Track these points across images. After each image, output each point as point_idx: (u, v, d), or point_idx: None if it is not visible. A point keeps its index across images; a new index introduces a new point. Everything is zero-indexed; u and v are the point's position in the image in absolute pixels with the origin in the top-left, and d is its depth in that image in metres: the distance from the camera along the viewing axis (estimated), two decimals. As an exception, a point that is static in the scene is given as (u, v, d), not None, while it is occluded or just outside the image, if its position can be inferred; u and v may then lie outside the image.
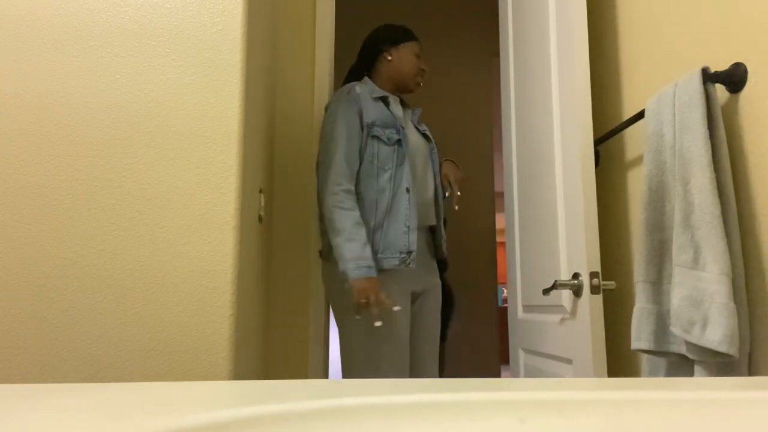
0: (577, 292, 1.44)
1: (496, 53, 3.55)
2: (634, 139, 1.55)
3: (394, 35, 1.97)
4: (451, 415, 0.38)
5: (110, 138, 1.21)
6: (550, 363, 1.66)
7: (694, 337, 1.03)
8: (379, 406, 0.38)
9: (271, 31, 1.88)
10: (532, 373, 1.82)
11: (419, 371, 1.88)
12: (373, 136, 1.82)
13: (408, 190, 1.81)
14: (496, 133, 5.11)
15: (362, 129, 1.83)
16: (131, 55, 1.24)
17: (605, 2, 1.73)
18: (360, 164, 1.81)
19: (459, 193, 1.87)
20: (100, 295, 1.16)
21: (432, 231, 1.95)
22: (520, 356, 1.93)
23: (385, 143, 1.83)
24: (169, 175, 1.21)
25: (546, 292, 1.51)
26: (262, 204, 1.66)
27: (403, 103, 2.03)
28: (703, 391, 0.42)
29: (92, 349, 1.15)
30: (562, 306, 1.56)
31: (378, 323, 1.61)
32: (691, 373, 1.16)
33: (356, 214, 1.72)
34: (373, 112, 1.84)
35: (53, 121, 1.21)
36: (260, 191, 1.63)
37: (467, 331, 3.33)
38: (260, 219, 1.64)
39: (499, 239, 9.38)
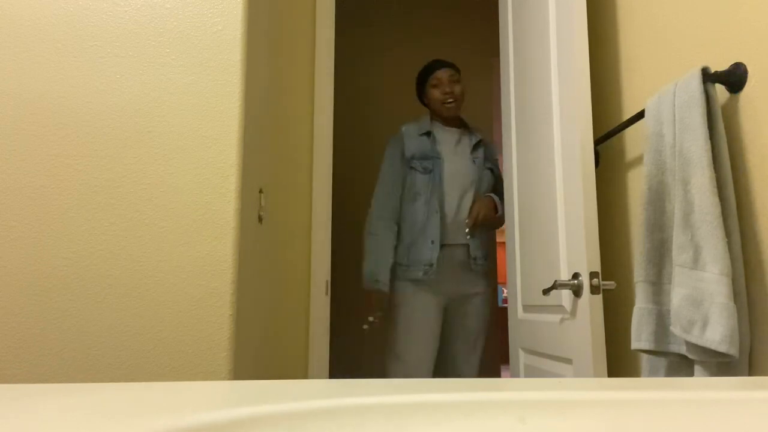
0: (576, 292, 1.44)
1: (496, 53, 3.55)
2: (634, 139, 1.55)
3: (420, 80, 2.38)
4: (451, 415, 0.38)
5: (110, 138, 1.21)
6: (550, 363, 1.67)
7: (694, 337, 1.04)
8: (379, 406, 0.38)
9: (271, 31, 1.88)
10: (532, 373, 1.82)
11: (452, 367, 2.23)
12: (411, 167, 2.22)
13: (437, 212, 2.16)
14: (496, 133, 5.11)
15: (403, 163, 2.25)
16: (131, 55, 1.24)
17: (605, 2, 1.73)
18: (403, 191, 2.24)
19: (467, 231, 2.21)
20: (100, 295, 1.16)
21: (466, 248, 2.23)
22: (520, 356, 1.93)
23: (421, 173, 2.21)
24: (169, 175, 1.21)
25: (546, 292, 1.51)
26: (262, 204, 1.66)
27: (468, 129, 2.37)
28: (703, 391, 0.42)
29: (92, 349, 1.15)
30: (561, 306, 1.56)
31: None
32: (691, 373, 1.17)
33: (377, 238, 2.17)
34: (415, 146, 2.26)
35: (53, 121, 1.21)
36: (260, 191, 1.63)
37: (467, 331, 3.32)
38: (260, 219, 1.64)
39: (499, 239, 9.37)
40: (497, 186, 2.33)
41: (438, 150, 2.23)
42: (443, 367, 2.27)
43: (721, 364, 1.05)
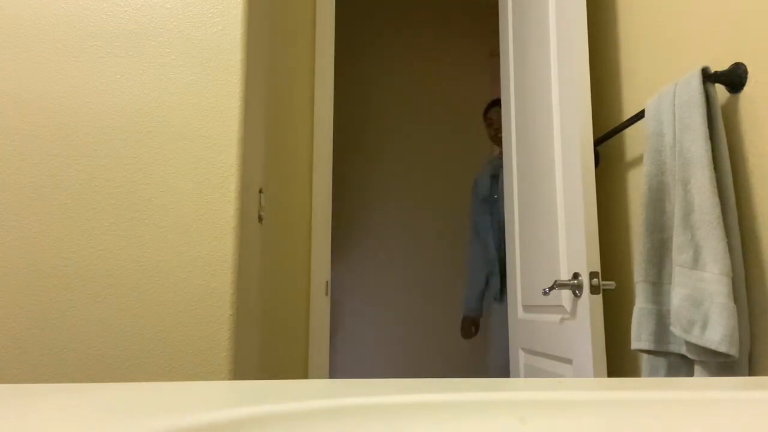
0: (576, 292, 1.44)
1: (495, 52, 3.55)
2: (634, 139, 1.55)
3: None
4: (451, 415, 0.38)
5: (110, 138, 1.21)
6: (550, 363, 1.66)
7: (694, 337, 1.03)
8: (379, 406, 0.38)
9: (271, 31, 1.88)
10: (532, 373, 1.82)
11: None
12: (483, 210, 2.59)
13: (496, 249, 2.56)
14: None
15: (479, 204, 2.62)
16: (131, 55, 1.24)
17: (605, 2, 1.73)
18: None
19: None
20: (100, 295, 1.16)
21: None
22: (520, 356, 1.93)
23: (488, 214, 2.58)
24: (168, 175, 1.21)
25: (546, 292, 1.51)
26: (262, 204, 1.66)
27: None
28: (703, 391, 0.42)
29: (92, 349, 1.15)
30: (561, 306, 1.56)
31: None
32: (691, 373, 1.17)
33: (470, 271, 2.64)
34: (484, 189, 2.61)
35: (53, 121, 1.21)
36: (260, 191, 1.63)
37: (467, 331, 3.32)
38: (260, 219, 1.64)
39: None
40: None
41: (498, 191, 2.55)
42: None
43: (721, 364, 1.05)
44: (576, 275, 1.45)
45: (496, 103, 2.62)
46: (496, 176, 2.59)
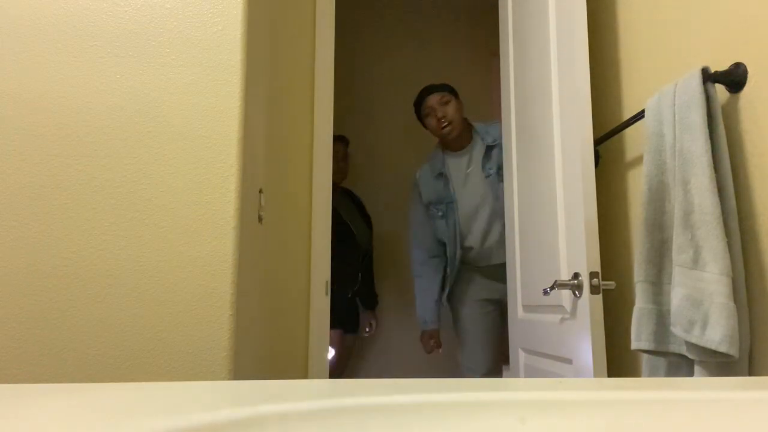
0: (576, 292, 1.44)
1: (495, 52, 3.55)
2: (634, 139, 1.55)
3: (416, 112, 2.42)
4: (451, 415, 0.38)
5: (110, 138, 1.21)
6: (550, 363, 1.66)
7: (694, 337, 1.03)
8: (379, 406, 0.38)
9: (271, 31, 1.88)
10: (532, 373, 1.82)
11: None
12: (431, 214, 2.36)
13: (459, 250, 2.32)
14: (496, 133, 5.10)
15: (425, 208, 2.38)
16: (131, 55, 1.24)
17: (605, 2, 1.73)
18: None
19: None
20: (100, 295, 1.16)
21: (494, 267, 2.35)
22: (520, 356, 1.93)
23: (440, 218, 2.33)
24: (169, 175, 1.21)
25: (546, 292, 1.51)
26: (262, 204, 1.66)
27: (476, 136, 2.37)
28: (703, 391, 0.42)
29: (92, 349, 1.15)
30: (562, 306, 1.56)
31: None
32: (691, 373, 1.17)
33: (421, 280, 2.38)
34: (430, 192, 2.36)
35: (53, 121, 1.21)
36: (260, 191, 1.63)
37: (467, 331, 3.32)
38: (260, 219, 1.64)
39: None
40: None
41: (451, 190, 2.31)
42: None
43: (721, 364, 1.05)
44: (576, 275, 1.45)
45: (429, 91, 2.33)
46: (441, 174, 2.34)
